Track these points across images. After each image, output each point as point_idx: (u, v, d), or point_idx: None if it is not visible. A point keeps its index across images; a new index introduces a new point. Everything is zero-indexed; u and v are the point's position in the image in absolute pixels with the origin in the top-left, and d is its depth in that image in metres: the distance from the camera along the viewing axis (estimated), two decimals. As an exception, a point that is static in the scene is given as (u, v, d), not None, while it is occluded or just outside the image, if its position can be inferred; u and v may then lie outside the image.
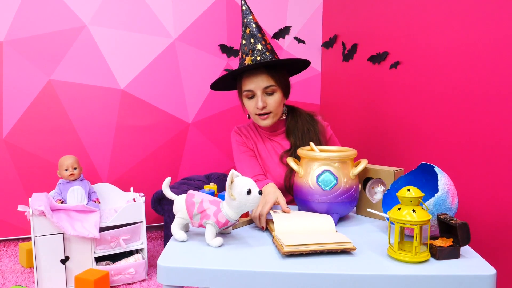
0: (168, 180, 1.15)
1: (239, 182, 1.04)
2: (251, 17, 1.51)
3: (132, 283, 2.18)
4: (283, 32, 2.90)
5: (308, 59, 1.59)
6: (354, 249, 1.00)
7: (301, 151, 1.28)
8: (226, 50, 2.84)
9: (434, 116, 1.79)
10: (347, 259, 0.98)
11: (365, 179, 1.35)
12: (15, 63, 2.49)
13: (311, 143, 1.38)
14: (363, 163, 1.25)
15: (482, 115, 1.53)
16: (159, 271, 0.95)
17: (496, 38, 1.46)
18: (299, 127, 1.54)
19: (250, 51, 1.46)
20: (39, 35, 2.52)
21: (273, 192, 1.30)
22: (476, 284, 0.89)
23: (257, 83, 1.46)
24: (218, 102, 2.90)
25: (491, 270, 0.91)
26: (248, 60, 1.46)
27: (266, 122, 1.51)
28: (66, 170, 2.23)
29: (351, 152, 1.26)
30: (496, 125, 1.46)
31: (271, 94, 1.48)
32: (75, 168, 2.25)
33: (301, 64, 1.58)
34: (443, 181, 1.06)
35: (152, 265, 2.37)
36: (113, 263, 2.19)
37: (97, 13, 2.59)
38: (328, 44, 2.87)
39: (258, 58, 1.44)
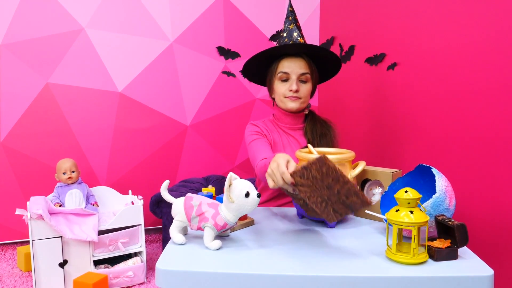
0: (166, 183, 1.15)
1: (238, 185, 1.04)
2: (295, 17, 1.59)
3: (131, 286, 2.17)
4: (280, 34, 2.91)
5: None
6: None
7: (299, 154, 1.28)
8: (224, 52, 2.85)
9: (432, 118, 1.80)
10: (345, 261, 0.98)
11: (363, 180, 1.35)
12: (12, 67, 2.49)
13: (309, 145, 1.38)
14: (361, 165, 1.25)
15: (480, 116, 1.53)
16: (158, 275, 0.95)
17: (492, 38, 1.46)
18: (317, 128, 1.59)
19: (291, 42, 1.53)
20: (36, 38, 2.52)
21: (282, 156, 1.09)
22: (474, 285, 0.89)
23: (295, 68, 1.52)
24: (216, 104, 2.90)
25: (489, 271, 0.91)
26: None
27: (294, 104, 1.55)
28: (64, 173, 2.22)
29: (349, 154, 1.26)
30: (494, 126, 1.47)
31: (304, 82, 1.54)
32: (73, 172, 2.24)
33: (330, 69, 1.65)
34: (441, 182, 1.06)
35: (151, 268, 2.37)
36: (112, 266, 2.19)
37: (94, 16, 2.60)
38: (325, 45, 2.88)
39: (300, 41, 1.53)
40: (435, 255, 0.96)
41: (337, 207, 0.98)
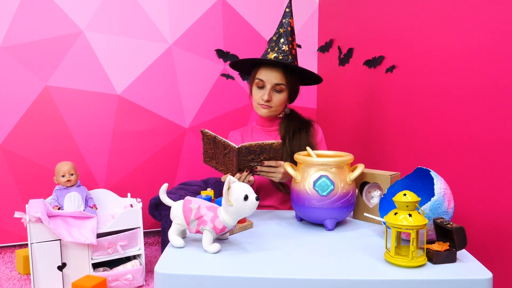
0: (165, 186, 1.15)
1: (236, 188, 1.04)
2: (289, 20, 1.62)
3: (130, 289, 2.17)
4: (279, 36, 2.91)
5: (309, 68, 1.68)
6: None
7: (298, 156, 1.28)
8: (223, 55, 2.85)
9: (430, 120, 1.80)
10: (344, 264, 0.98)
11: (361, 183, 1.35)
12: (11, 69, 2.49)
13: (308, 148, 1.38)
14: (360, 168, 1.26)
15: (478, 119, 1.53)
16: (157, 278, 0.95)
17: (491, 41, 1.47)
18: (291, 126, 1.65)
19: (276, 48, 1.57)
20: (35, 41, 2.52)
21: None
22: (473, 288, 0.90)
23: (270, 78, 1.57)
24: (215, 107, 2.90)
25: (487, 274, 0.91)
26: (271, 55, 1.57)
27: (264, 112, 1.62)
28: (63, 176, 2.22)
29: (348, 157, 1.26)
30: (492, 128, 1.47)
31: (279, 91, 1.60)
32: (72, 174, 2.24)
33: (313, 79, 1.69)
34: (439, 185, 1.06)
35: (149, 270, 2.37)
36: (111, 269, 2.18)
37: (93, 18, 2.60)
38: (324, 48, 2.88)
39: (280, 57, 1.55)
40: (433, 258, 0.97)
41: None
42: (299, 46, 2.96)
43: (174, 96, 2.80)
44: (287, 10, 1.63)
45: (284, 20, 1.61)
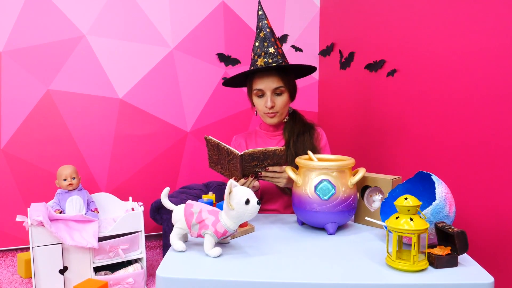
0: (166, 190, 1.15)
1: (238, 192, 1.04)
2: (265, 21, 1.60)
3: (131, 293, 2.17)
4: (280, 40, 2.92)
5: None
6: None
7: (299, 160, 1.29)
8: (224, 59, 2.86)
9: (432, 124, 1.80)
10: (345, 268, 0.98)
11: (363, 187, 1.36)
12: (13, 73, 2.50)
13: (309, 152, 1.39)
14: (361, 172, 1.26)
15: (479, 123, 1.54)
16: (158, 282, 0.95)
17: (492, 45, 1.47)
18: (295, 127, 1.64)
19: (263, 53, 1.55)
20: (37, 45, 2.53)
21: None
22: (475, 293, 0.90)
23: (268, 84, 1.56)
24: (216, 110, 2.90)
25: (489, 278, 0.91)
26: (260, 62, 1.55)
27: (273, 120, 1.63)
28: (65, 180, 2.23)
29: (349, 161, 1.26)
30: (493, 132, 1.47)
31: (279, 94, 1.59)
32: (74, 178, 2.25)
33: (308, 69, 1.69)
34: (441, 189, 1.06)
35: (151, 274, 2.37)
36: (112, 273, 2.18)
37: (95, 23, 2.61)
38: (325, 52, 2.89)
39: (270, 60, 1.54)
40: (435, 262, 0.97)
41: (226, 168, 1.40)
42: (300, 50, 2.97)
43: (175, 99, 2.81)
44: (259, 12, 1.61)
45: (260, 24, 1.60)
